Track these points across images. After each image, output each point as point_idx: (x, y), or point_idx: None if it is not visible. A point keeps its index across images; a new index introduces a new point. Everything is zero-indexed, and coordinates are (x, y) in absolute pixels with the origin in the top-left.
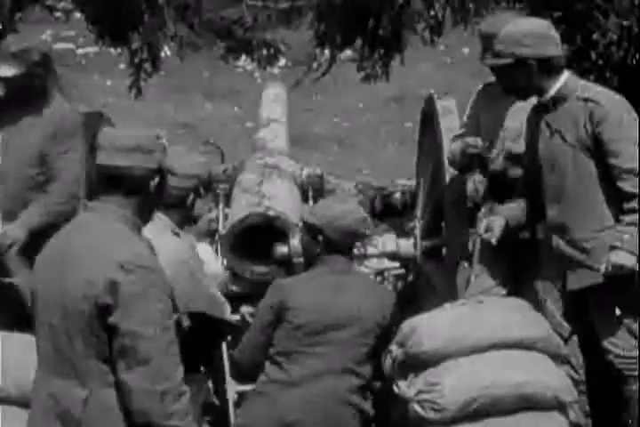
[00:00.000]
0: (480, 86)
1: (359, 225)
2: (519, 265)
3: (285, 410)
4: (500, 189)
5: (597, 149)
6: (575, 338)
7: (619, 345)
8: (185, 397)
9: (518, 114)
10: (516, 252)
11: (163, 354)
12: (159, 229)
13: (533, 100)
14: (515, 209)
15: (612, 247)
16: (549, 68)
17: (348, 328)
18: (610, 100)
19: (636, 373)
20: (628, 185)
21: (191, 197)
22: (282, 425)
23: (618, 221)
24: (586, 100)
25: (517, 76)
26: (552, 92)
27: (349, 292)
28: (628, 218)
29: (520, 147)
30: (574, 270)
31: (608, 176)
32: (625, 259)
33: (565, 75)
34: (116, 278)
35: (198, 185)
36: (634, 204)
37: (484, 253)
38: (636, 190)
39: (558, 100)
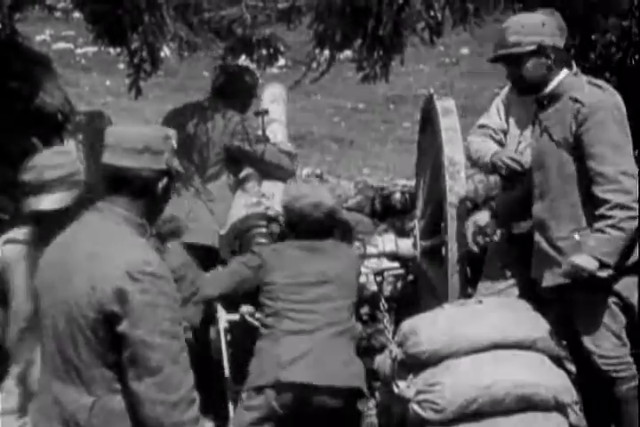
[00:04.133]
0: None
1: (312, 209)
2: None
3: (282, 352)
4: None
5: (579, 151)
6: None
7: (601, 346)
8: (196, 404)
9: None
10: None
11: (173, 363)
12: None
13: None
14: None
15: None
16: (559, 60)
17: (326, 285)
18: (596, 103)
19: (623, 373)
20: (599, 190)
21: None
22: (281, 365)
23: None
24: (575, 100)
25: (534, 66)
26: (549, 88)
27: (320, 254)
28: (596, 224)
29: None
30: (550, 268)
31: (587, 177)
32: (585, 262)
33: (564, 72)
34: (124, 287)
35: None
36: (603, 210)
37: (497, 253)
38: (607, 196)
39: (553, 97)
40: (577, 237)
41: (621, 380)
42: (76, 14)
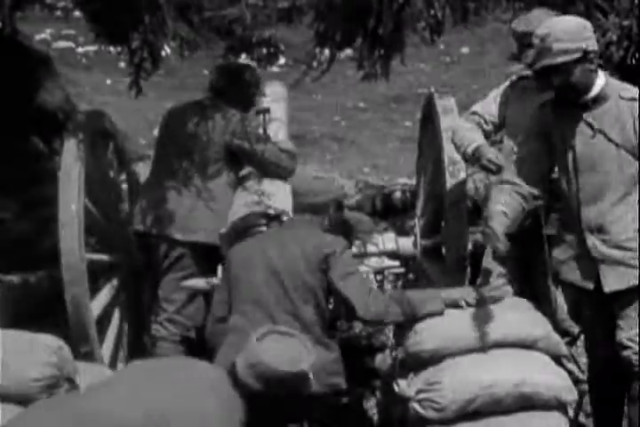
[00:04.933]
0: (514, 78)
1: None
2: (530, 263)
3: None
4: None
5: None
6: (582, 337)
7: (638, 342)
8: None
9: None
10: (527, 250)
11: None
12: None
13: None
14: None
15: None
16: (598, 63)
17: (281, 275)
18: None
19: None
20: None
21: None
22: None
23: None
24: (632, 99)
25: (582, 72)
26: (595, 90)
27: (281, 242)
28: None
29: None
30: (614, 270)
31: None
32: None
33: (603, 73)
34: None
35: None
36: None
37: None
38: None
39: (599, 99)
40: None
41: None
42: (77, 13)
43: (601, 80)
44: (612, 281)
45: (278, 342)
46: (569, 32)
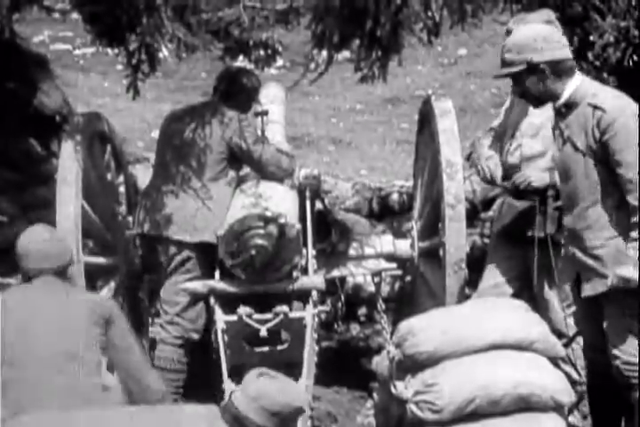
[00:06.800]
0: None
1: None
2: (529, 264)
3: None
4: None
5: (606, 158)
6: (580, 340)
7: (627, 352)
8: None
9: (541, 110)
10: (526, 250)
11: None
12: None
13: None
14: None
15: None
16: (561, 71)
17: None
18: (617, 107)
19: (636, 380)
20: (632, 197)
21: None
22: None
23: (629, 229)
24: (595, 107)
25: (532, 83)
26: (564, 97)
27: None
28: (633, 233)
29: (536, 144)
30: (588, 278)
31: (617, 184)
32: (632, 273)
33: (578, 79)
34: None
35: None
36: (636, 218)
37: (494, 251)
38: (637, 202)
39: (570, 105)
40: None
41: (637, 386)
42: (75, 15)
43: (572, 86)
44: (588, 287)
45: (275, 380)
46: (517, 44)
